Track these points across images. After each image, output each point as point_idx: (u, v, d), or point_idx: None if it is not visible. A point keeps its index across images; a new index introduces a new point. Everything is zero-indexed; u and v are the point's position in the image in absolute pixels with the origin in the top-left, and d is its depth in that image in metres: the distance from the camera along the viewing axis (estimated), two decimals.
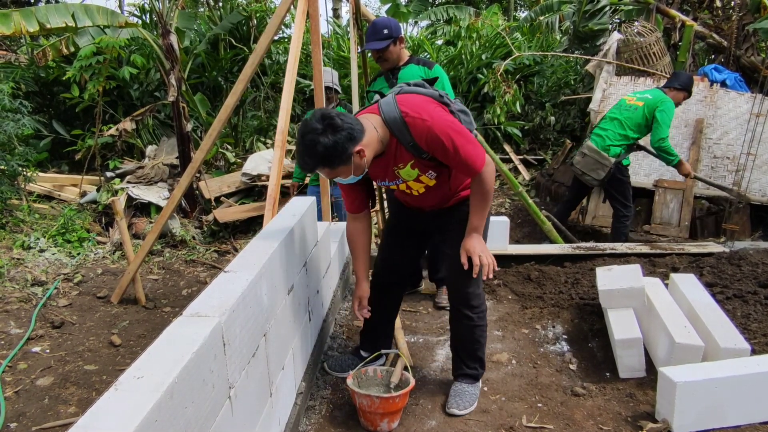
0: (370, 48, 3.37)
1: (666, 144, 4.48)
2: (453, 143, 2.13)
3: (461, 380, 2.64)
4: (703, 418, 2.32)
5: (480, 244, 2.36)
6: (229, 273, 1.86)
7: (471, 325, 2.56)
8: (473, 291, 2.53)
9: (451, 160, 2.19)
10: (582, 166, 4.63)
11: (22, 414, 2.78)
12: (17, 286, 4.21)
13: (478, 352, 2.62)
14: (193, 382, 1.33)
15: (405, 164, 2.28)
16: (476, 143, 2.23)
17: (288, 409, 2.31)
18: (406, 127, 2.14)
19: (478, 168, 2.20)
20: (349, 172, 2.12)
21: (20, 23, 4.77)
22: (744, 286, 3.40)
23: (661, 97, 4.53)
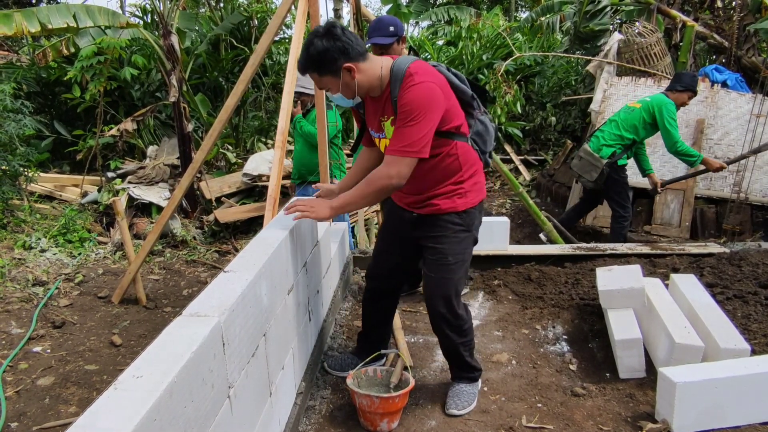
0: (375, 42, 3.30)
1: (682, 147, 4.44)
2: (412, 114, 2.09)
3: (458, 381, 2.65)
4: (703, 418, 2.32)
5: (318, 205, 2.25)
6: (229, 273, 1.86)
7: (454, 343, 2.52)
8: (450, 312, 2.45)
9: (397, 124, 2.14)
10: (578, 168, 4.69)
11: (22, 413, 2.79)
12: (18, 286, 4.22)
13: (466, 361, 2.59)
14: (192, 381, 1.33)
15: (388, 118, 2.26)
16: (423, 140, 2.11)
17: (288, 409, 2.31)
18: (402, 80, 2.14)
19: (395, 151, 2.12)
20: (337, 87, 2.16)
21: (22, 24, 4.79)
22: (744, 286, 3.40)
23: (659, 100, 4.50)
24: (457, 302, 2.45)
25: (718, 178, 5.75)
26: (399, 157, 2.13)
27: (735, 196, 5.36)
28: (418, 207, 2.45)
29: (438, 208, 2.38)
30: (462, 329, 2.50)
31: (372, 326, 2.85)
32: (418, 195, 2.42)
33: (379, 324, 2.84)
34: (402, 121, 2.12)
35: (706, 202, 5.76)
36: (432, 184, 2.37)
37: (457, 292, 2.44)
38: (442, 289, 2.42)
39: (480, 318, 3.56)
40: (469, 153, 2.37)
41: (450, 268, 2.40)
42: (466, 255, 2.44)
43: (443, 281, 2.42)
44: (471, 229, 2.43)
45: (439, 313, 2.46)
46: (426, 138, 2.13)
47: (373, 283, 2.78)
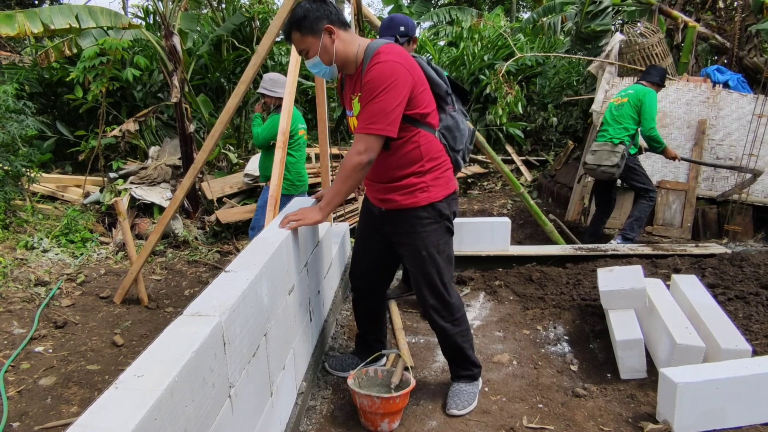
0: None
1: (655, 132, 4.78)
2: (376, 90, 2.12)
3: (458, 380, 2.64)
4: (703, 419, 2.32)
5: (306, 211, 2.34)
6: (230, 273, 1.87)
7: (448, 335, 2.52)
8: (440, 302, 2.46)
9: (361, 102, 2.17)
10: (594, 160, 4.78)
11: (24, 413, 2.80)
12: (20, 286, 4.23)
13: (466, 355, 2.59)
14: (193, 381, 1.33)
15: (356, 94, 2.28)
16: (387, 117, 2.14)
17: (289, 409, 2.32)
18: (370, 58, 2.18)
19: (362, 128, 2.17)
20: (316, 49, 2.22)
21: (24, 24, 4.80)
22: (746, 287, 3.39)
23: (642, 89, 4.79)
24: (446, 291, 2.45)
25: (719, 179, 5.74)
26: (365, 135, 2.17)
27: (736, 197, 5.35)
28: (382, 200, 2.45)
29: (399, 204, 2.38)
30: (455, 318, 2.50)
31: (365, 326, 2.86)
32: (380, 183, 2.43)
33: (372, 323, 2.84)
34: (366, 99, 2.15)
35: (708, 203, 5.76)
36: (392, 172, 2.36)
37: (442, 282, 2.44)
38: (425, 282, 2.44)
39: (481, 318, 3.56)
40: (433, 145, 2.35)
41: (427, 260, 2.40)
42: (440, 245, 2.42)
43: (424, 274, 2.43)
44: (439, 220, 2.40)
45: (429, 304, 2.47)
46: (392, 115, 2.15)
47: (356, 282, 2.78)
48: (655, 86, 4.87)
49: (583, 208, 6.17)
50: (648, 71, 4.99)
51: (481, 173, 7.90)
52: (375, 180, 2.45)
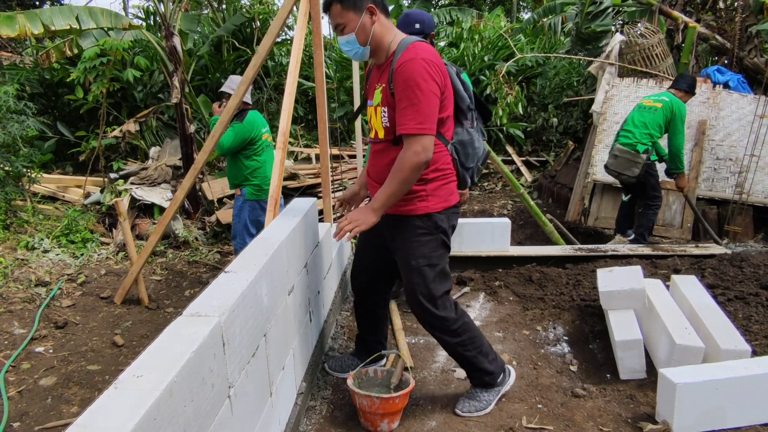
0: None
1: (682, 152, 4.68)
2: (410, 89, 2.09)
3: (474, 385, 2.60)
4: (703, 419, 2.32)
5: (359, 215, 2.23)
6: (230, 273, 1.87)
7: (448, 345, 2.48)
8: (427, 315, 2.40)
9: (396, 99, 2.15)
10: (616, 166, 4.76)
11: (25, 413, 2.80)
12: (21, 287, 4.23)
13: (472, 363, 2.52)
14: (192, 381, 1.34)
15: (380, 85, 2.26)
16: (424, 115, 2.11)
17: (288, 409, 2.32)
18: (403, 51, 2.15)
19: (413, 129, 2.11)
20: (354, 26, 2.18)
21: (25, 25, 4.81)
22: (746, 287, 3.39)
23: (676, 100, 4.71)
24: (432, 305, 2.37)
25: (719, 180, 5.74)
26: (420, 135, 2.12)
27: (737, 198, 5.35)
28: None
29: (395, 209, 2.32)
30: (450, 329, 2.42)
31: (365, 327, 2.84)
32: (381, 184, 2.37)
33: (372, 324, 2.83)
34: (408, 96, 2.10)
35: (708, 204, 5.76)
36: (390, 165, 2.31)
37: (430, 295, 2.35)
38: (414, 293, 2.38)
39: (481, 319, 3.56)
40: (442, 155, 2.30)
41: (416, 271, 2.34)
42: (433, 258, 2.34)
43: (413, 284, 2.37)
44: (434, 232, 2.33)
45: (420, 316, 2.44)
46: (435, 115, 2.14)
47: (356, 283, 2.77)
48: (685, 94, 4.77)
49: (583, 208, 6.17)
50: (678, 79, 4.90)
51: (482, 173, 7.90)
52: (378, 180, 2.40)
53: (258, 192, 4.28)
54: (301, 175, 6.18)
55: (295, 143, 7.63)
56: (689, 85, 4.77)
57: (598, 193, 6.15)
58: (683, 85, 4.77)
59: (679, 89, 4.77)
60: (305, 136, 8.10)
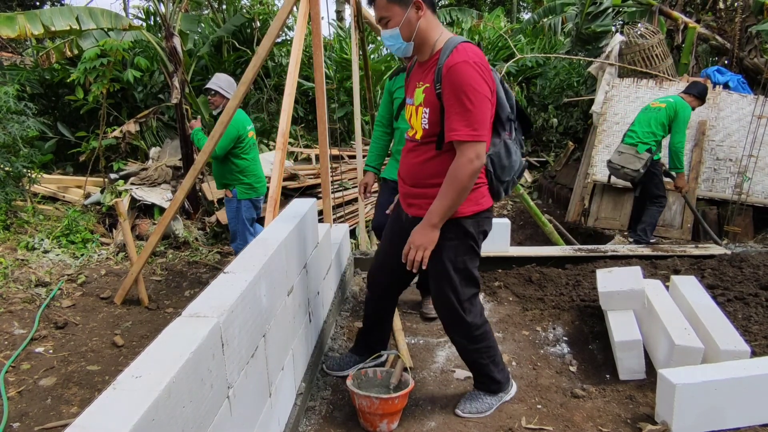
0: None
1: (682, 151, 4.74)
2: (463, 94, 2.03)
3: (478, 387, 2.59)
4: (702, 420, 2.32)
5: (422, 237, 2.19)
6: (229, 274, 1.87)
7: (464, 350, 2.48)
8: (454, 319, 2.39)
9: (446, 103, 2.08)
10: (619, 161, 4.84)
11: (24, 414, 2.81)
12: (21, 287, 4.24)
13: (484, 371, 2.51)
14: (191, 381, 1.34)
15: (423, 83, 2.20)
16: (478, 122, 2.05)
17: (288, 410, 2.32)
18: (452, 51, 2.08)
19: (456, 135, 2.06)
20: (399, 20, 2.12)
21: (25, 26, 4.82)
22: (745, 288, 3.39)
23: (681, 102, 4.78)
24: (461, 308, 2.35)
25: (719, 180, 5.74)
26: (474, 142, 2.06)
27: (736, 198, 5.36)
28: (410, 204, 2.39)
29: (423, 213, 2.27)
30: (472, 335, 2.40)
31: (371, 325, 2.84)
32: (412, 186, 2.37)
33: (378, 324, 2.83)
34: (460, 100, 2.04)
35: (708, 204, 5.76)
36: (425, 177, 2.28)
37: (458, 299, 2.34)
38: (439, 296, 2.39)
39: None
40: None
41: (443, 274, 2.32)
42: (458, 262, 2.30)
43: (440, 287, 2.36)
44: (461, 237, 2.28)
45: (444, 318, 2.44)
46: (488, 122, 2.10)
47: (372, 282, 2.76)
48: (694, 100, 4.83)
49: (583, 209, 6.17)
50: (691, 84, 4.97)
51: None
52: (408, 180, 2.37)
53: (249, 191, 4.28)
54: (301, 175, 6.18)
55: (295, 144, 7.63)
56: (700, 92, 4.83)
57: (598, 194, 6.16)
58: (694, 91, 4.84)
59: (689, 93, 4.84)
60: (305, 136, 8.11)
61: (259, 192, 4.38)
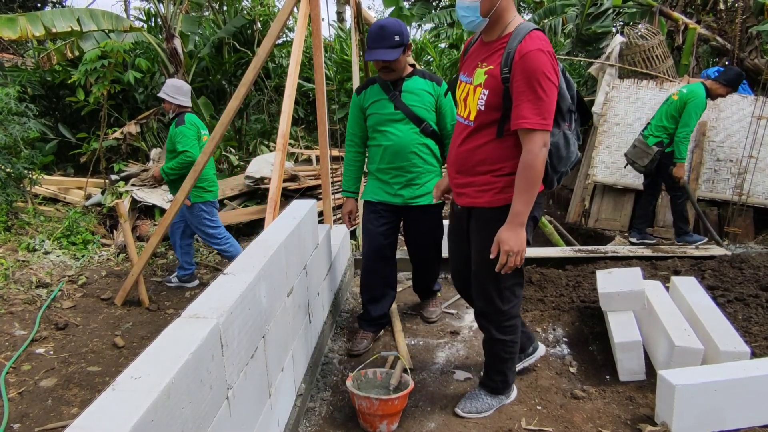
0: (379, 58, 2.83)
1: (686, 141, 4.69)
2: (536, 82, 1.99)
3: (480, 386, 2.59)
4: (702, 421, 2.32)
5: (513, 239, 2.13)
6: (228, 275, 1.88)
7: (491, 340, 2.45)
8: (490, 307, 2.37)
9: (516, 90, 2.04)
10: (631, 155, 4.90)
11: (25, 415, 2.81)
12: (22, 288, 4.25)
13: (500, 367, 2.50)
14: (190, 382, 1.34)
15: (486, 65, 2.15)
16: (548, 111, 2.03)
17: (287, 411, 2.33)
18: (524, 37, 2.05)
19: (526, 123, 2.02)
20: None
21: (26, 27, 4.83)
22: (745, 289, 3.39)
23: (692, 89, 4.71)
24: (499, 297, 2.33)
25: (719, 181, 5.74)
26: (542, 131, 2.05)
27: (737, 199, 5.35)
28: (459, 194, 2.37)
29: (473, 200, 2.29)
30: (503, 325, 2.39)
31: None
32: (458, 174, 2.34)
33: None
34: (531, 88, 2.01)
35: (708, 205, 5.75)
36: (474, 164, 2.25)
37: (498, 288, 2.32)
38: (480, 284, 2.36)
39: None
40: None
41: (485, 263, 2.26)
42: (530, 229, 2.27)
43: (481, 275, 2.34)
44: None
45: (480, 305, 2.42)
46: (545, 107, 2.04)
47: (457, 284, 2.75)
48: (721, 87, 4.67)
49: (583, 209, 6.17)
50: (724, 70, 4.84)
51: None
52: (455, 166, 2.34)
53: (204, 194, 4.28)
54: (301, 176, 6.19)
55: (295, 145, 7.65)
56: (729, 79, 4.67)
57: (599, 195, 6.16)
58: (723, 77, 4.70)
59: (716, 80, 4.72)
60: (306, 137, 8.12)
61: (212, 196, 4.39)
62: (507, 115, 2.12)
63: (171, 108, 4.30)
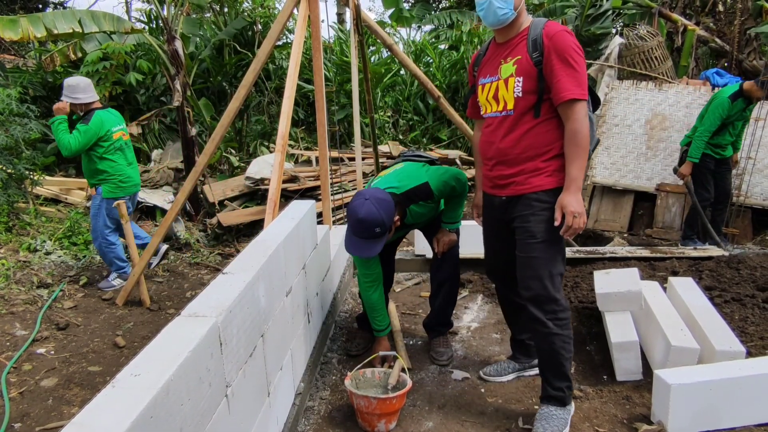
0: (363, 256, 2.67)
1: (701, 138, 4.74)
2: (569, 56, 2.13)
3: (547, 402, 2.41)
4: (697, 420, 2.34)
5: (575, 202, 2.17)
6: (228, 274, 1.90)
7: (547, 333, 2.31)
8: (544, 292, 2.30)
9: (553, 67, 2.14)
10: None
11: (26, 414, 2.83)
12: (23, 289, 4.27)
13: (563, 369, 2.36)
14: (189, 380, 1.36)
15: (513, 58, 2.25)
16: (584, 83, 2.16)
17: (286, 409, 2.35)
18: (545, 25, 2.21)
19: (571, 93, 2.13)
20: None
21: (28, 29, 4.85)
22: (742, 289, 3.41)
23: (722, 90, 4.78)
24: (551, 283, 2.30)
25: None
26: (583, 101, 2.16)
27: (735, 200, 5.36)
28: (505, 185, 2.38)
29: (523, 188, 2.31)
30: (558, 316, 2.31)
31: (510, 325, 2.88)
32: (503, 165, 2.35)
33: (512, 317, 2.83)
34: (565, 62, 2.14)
35: None
36: (522, 150, 2.29)
37: (551, 273, 2.30)
38: (533, 269, 2.31)
39: (479, 321, 3.58)
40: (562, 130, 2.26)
41: (537, 247, 2.29)
42: (555, 235, 2.28)
43: (533, 260, 2.30)
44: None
45: (533, 295, 2.32)
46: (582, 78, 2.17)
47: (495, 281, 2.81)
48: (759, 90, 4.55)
49: None
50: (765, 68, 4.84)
51: None
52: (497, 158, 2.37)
53: (115, 190, 4.31)
54: (301, 177, 6.21)
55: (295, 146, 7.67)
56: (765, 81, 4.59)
57: (598, 196, 6.18)
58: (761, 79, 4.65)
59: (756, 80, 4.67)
60: (306, 138, 8.14)
61: (126, 191, 4.40)
62: (542, 97, 2.22)
63: (77, 108, 4.28)
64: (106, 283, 4.51)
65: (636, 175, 6.01)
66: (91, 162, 4.27)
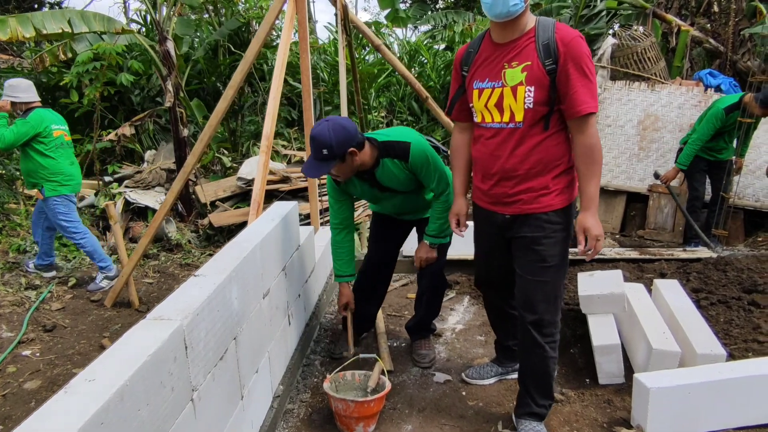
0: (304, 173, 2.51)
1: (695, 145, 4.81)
2: (585, 66, 1.99)
3: (528, 419, 2.37)
4: (676, 424, 2.32)
5: (596, 225, 2.08)
6: (199, 277, 1.89)
7: (544, 356, 2.27)
8: (549, 318, 2.25)
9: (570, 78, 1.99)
10: None
11: (8, 417, 2.82)
12: (11, 290, 4.26)
13: (548, 390, 2.37)
14: (148, 384, 1.35)
15: (520, 63, 2.06)
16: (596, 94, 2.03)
17: (263, 412, 2.33)
18: (556, 28, 2.04)
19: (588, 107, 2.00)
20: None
21: (16, 29, 4.84)
22: (728, 291, 3.39)
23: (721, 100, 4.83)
24: (555, 307, 2.26)
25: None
26: (595, 114, 2.04)
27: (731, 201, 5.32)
28: (510, 203, 2.22)
29: (529, 206, 2.18)
30: (555, 340, 2.29)
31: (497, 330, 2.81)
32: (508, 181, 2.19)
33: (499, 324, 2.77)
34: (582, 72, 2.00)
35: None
36: (531, 166, 2.14)
37: (556, 296, 2.25)
38: (543, 293, 2.22)
39: (464, 323, 3.57)
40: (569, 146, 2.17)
41: (549, 271, 2.20)
42: (564, 258, 2.23)
43: (545, 285, 2.22)
44: (567, 228, 2.22)
45: (536, 319, 2.23)
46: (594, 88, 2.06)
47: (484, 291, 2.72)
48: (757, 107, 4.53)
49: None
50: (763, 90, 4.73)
51: None
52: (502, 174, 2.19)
53: (58, 187, 4.31)
54: (292, 178, 6.20)
55: (288, 146, 7.66)
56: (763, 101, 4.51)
57: None
58: (760, 97, 4.54)
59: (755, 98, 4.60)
60: (299, 139, 8.12)
61: (69, 189, 4.39)
62: (552, 108, 2.07)
63: (17, 107, 4.29)
64: (94, 285, 4.51)
65: (628, 175, 5.99)
66: (31, 160, 4.26)
